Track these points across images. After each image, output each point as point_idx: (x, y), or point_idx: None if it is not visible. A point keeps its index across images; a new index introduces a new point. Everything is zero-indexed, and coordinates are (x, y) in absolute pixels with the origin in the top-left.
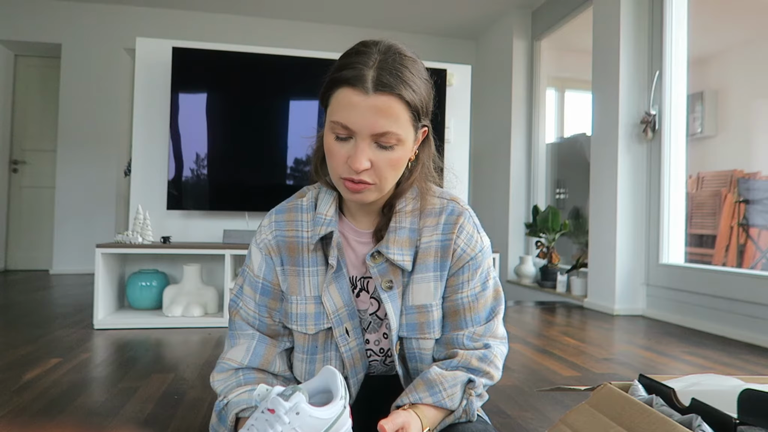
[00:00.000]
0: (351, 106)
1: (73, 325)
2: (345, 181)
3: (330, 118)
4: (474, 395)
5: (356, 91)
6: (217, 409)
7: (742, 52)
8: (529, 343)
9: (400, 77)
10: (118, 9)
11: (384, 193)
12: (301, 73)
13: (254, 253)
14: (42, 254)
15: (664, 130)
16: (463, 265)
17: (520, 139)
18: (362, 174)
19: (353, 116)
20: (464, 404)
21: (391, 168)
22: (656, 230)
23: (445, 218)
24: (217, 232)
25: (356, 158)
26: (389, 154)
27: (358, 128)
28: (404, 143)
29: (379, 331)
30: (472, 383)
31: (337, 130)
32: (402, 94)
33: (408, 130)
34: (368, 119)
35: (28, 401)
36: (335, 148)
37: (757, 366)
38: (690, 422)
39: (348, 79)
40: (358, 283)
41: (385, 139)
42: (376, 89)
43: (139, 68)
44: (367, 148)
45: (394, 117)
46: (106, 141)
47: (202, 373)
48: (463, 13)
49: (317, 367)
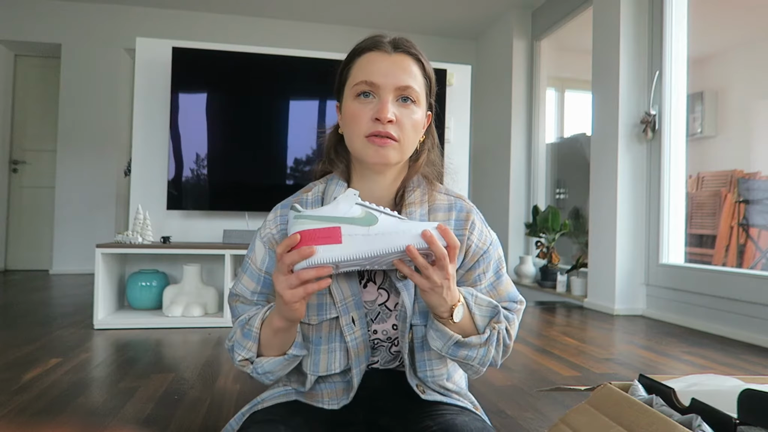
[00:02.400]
0: (375, 64)
1: (73, 325)
2: (371, 138)
3: (353, 82)
4: (498, 329)
5: (378, 52)
6: (240, 324)
7: (742, 52)
8: (529, 343)
9: (415, 47)
10: (118, 9)
11: (405, 154)
12: (301, 73)
13: (258, 247)
14: (42, 254)
15: (664, 130)
16: (477, 260)
17: (520, 139)
18: (388, 126)
19: (378, 71)
20: (487, 334)
21: (411, 127)
22: (656, 230)
23: (455, 215)
24: (217, 232)
25: (383, 109)
26: (410, 111)
27: (383, 82)
28: (421, 105)
29: (387, 322)
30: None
31: (361, 88)
32: (419, 57)
33: (422, 94)
34: (393, 72)
35: (28, 401)
36: (357, 109)
37: (757, 366)
38: (690, 422)
39: (368, 46)
40: (366, 273)
41: (408, 92)
42: (396, 49)
43: (139, 68)
44: (391, 103)
45: (413, 75)
46: (106, 141)
47: (202, 373)
48: (463, 13)
49: (322, 357)
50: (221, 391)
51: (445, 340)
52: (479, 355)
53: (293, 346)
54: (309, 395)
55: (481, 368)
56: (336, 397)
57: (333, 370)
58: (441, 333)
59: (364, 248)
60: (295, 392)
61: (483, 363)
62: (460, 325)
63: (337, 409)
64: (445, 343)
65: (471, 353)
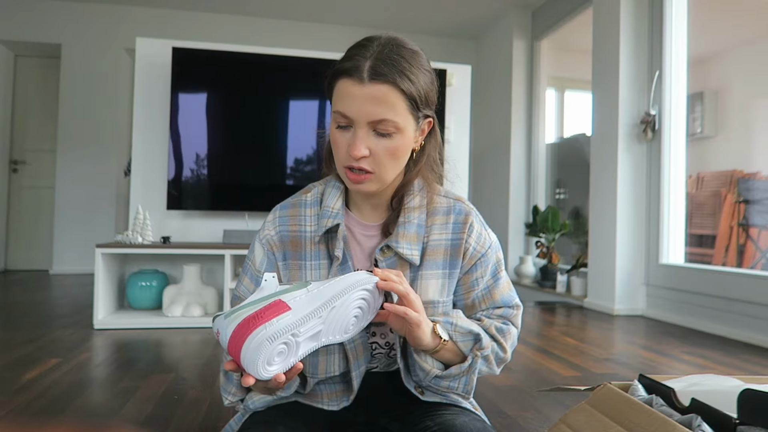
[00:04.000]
0: (348, 96)
1: (73, 325)
2: (347, 171)
3: (333, 109)
4: (480, 356)
5: (353, 80)
6: (222, 370)
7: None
8: (529, 343)
9: (396, 67)
10: (118, 9)
11: (385, 183)
12: (301, 73)
13: (257, 249)
14: (42, 254)
15: (664, 130)
16: (475, 263)
17: (520, 139)
18: (361, 161)
19: (351, 105)
20: (469, 360)
21: (389, 156)
22: (656, 230)
23: (454, 218)
24: (217, 232)
25: (354, 145)
26: (387, 142)
27: (356, 116)
28: (403, 132)
29: (385, 326)
30: (480, 342)
31: (338, 120)
32: (397, 83)
33: (406, 118)
34: (364, 107)
35: (28, 401)
36: (337, 138)
37: (757, 366)
38: (690, 422)
39: (346, 70)
40: None
41: (383, 126)
42: (371, 78)
43: (139, 68)
44: (365, 135)
45: (390, 105)
46: (106, 141)
47: (202, 373)
48: (463, 13)
49: (321, 360)
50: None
51: (424, 375)
52: (461, 384)
53: (284, 388)
54: (308, 396)
55: (467, 396)
56: (336, 398)
57: (332, 372)
58: (420, 368)
59: (314, 303)
60: (294, 393)
61: (467, 391)
62: (445, 354)
63: (337, 410)
64: (424, 377)
65: (453, 383)
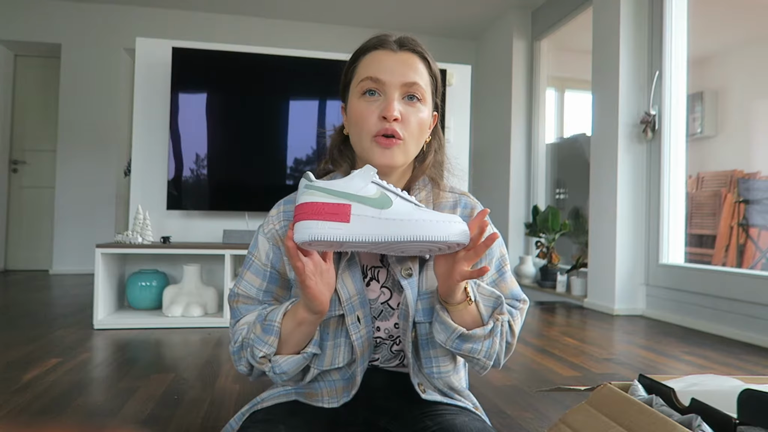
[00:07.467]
0: (380, 61)
1: (73, 325)
2: (377, 139)
3: (359, 79)
4: (501, 321)
5: (384, 50)
6: (259, 319)
7: (742, 52)
8: (529, 343)
9: (420, 45)
10: (118, 9)
11: (408, 157)
12: (301, 73)
13: (261, 242)
14: (42, 254)
15: (663, 130)
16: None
17: (520, 139)
18: (394, 124)
19: (383, 68)
20: (491, 325)
21: (417, 126)
22: (656, 230)
23: (460, 211)
24: (217, 232)
25: (389, 106)
26: (416, 110)
27: (389, 78)
28: (427, 104)
29: (390, 320)
30: (500, 307)
31: (367, 85)
32: (424, 56)
33: (428, 93)
34: (398, 69)
35: (28, 401)
36: (363, 108)
37: (757, 366)
38: (690, 422)
39: (374, 44)
40: (369, 272)
41: (414, 89)
42: (401, 47)
43: (139, 68)
44: (397, 101)
45: (420, 73)
46: (106, 141)
47: (202, 373)
48: (463, 13)
49: (327, 353)
50: (221, 391)
51: (449, 333)
52: (484, 347)
53: (311, 343)
54: (309, 395)
55: (488, 362)
56: (336, 395)
57: (337, 364)
58: (445, 326)
59: (372, 232)
60: (294, 392)
61: (489, 356)
62: (466, 316)
63: (337, 407)
64: (449, 336)
65: (476, 346)
